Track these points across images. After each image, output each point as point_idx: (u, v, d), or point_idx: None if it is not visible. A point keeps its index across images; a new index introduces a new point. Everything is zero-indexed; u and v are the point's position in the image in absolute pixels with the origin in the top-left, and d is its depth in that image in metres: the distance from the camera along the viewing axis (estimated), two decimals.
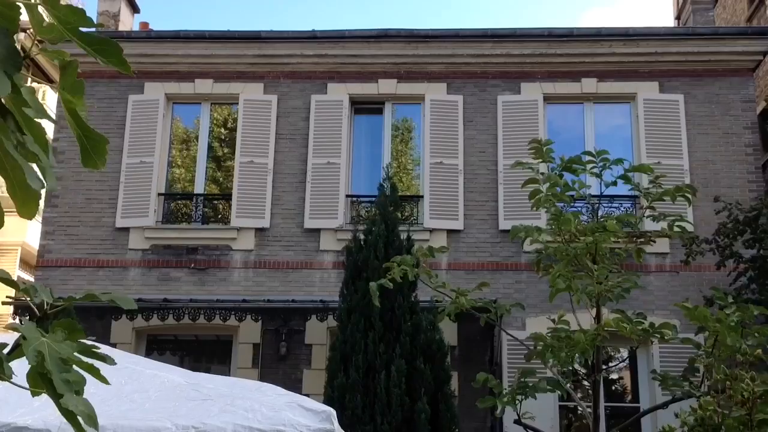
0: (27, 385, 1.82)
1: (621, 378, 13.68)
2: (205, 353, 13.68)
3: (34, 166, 1.71)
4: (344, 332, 9.63)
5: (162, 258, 13.12)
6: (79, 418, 1.87)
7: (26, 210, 1.70)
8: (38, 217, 15.54)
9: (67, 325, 1.91)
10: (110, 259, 13.05)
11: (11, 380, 1.85)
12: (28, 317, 8.69)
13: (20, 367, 1.83)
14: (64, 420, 3.28)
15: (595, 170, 5.22)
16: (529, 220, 6.85)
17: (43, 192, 1.75)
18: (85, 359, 1.86)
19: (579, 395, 12.94)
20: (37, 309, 2.01)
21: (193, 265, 13.08)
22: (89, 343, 1.94)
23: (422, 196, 13.46)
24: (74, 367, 1.84)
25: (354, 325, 9.55)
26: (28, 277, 15.86)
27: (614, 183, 5.23)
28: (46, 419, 3.23)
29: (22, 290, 1.98)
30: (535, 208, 5.20)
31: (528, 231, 4.77)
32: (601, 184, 5.29)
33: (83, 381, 1.86)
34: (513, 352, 11.72)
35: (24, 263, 17.35)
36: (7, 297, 10.88)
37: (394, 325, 9.54)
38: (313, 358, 12.43)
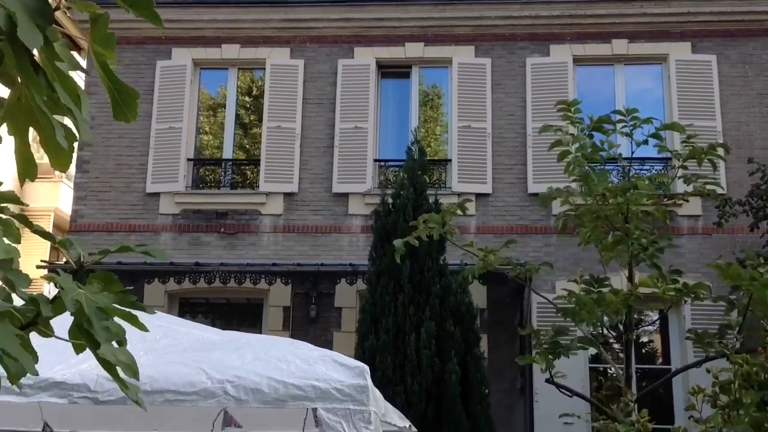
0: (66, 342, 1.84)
1: (651, 341, 13.65)
2: (236, 316, 13.81)
3: (68, 122, 1.72)
4: (374, 295, 9.69)
5: (192, 223, 13.23)
6: (118, 369, 1.89)
7: (59, 162, 1.71)
8: (69, 183, 15.72)
9: (104, 278, 1.93)
10: (141, 224, 13.18)
11: (53, 334, 1.87)
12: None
13: (59, 324, 1.85)
14: (101, 373, 3.34)
15: (626, 129, 5.14)
16: (558, 183, 6.79)
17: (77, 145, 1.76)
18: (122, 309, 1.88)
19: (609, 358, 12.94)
20: (73, 264, 2.03)
21: (222, 229, 13.18)
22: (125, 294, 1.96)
23: (450, 160, 13.41)
24: (114, 319, 1.86)
25: (383, 288, 9.59)
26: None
27: (645, 142, 5.14)
28: (83, 374, 3.29)
29: (58, 243, 2.00)
30: (567, 173, 5.15)
31: (558, 194, 4.72)
32: (631, 144, 5.21)
33: (123, 331, 1.87)
34: (542, 315, 11.69)
35: (57, 228, 17.60)
36: (41, 261, 11.04)
37: (423, 288, 9.57)
38: (343, 320, 12.52)
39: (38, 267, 11.08)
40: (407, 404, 8.34)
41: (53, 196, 17.03)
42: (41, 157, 1.72)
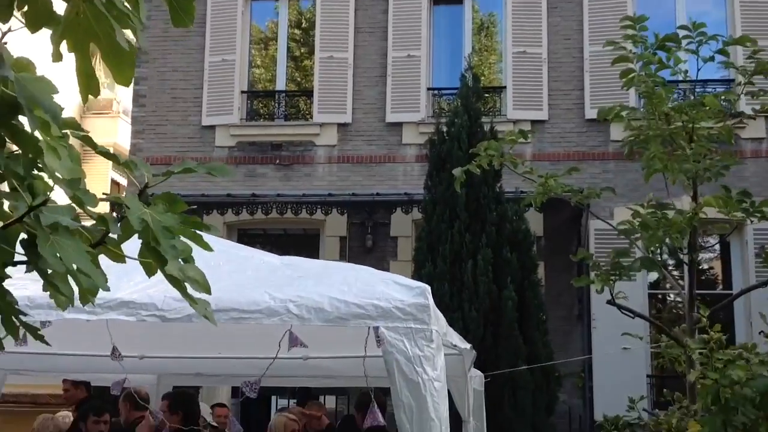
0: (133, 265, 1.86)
1: (711, 267, 13.44)
2: (293, 246, 13.96)
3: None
4: (429, 223, 9.69)
5: (248, 155, 13.33)
6: (187, 285, 1.91)
7: (122, 75, 1.70)
8: (127, 118, 15.91)
9: (168, 198, 1.94)
10: (198, 157, 13.31)
11: (122, 254, 1.89)
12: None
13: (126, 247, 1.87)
14: (168, 294, 3.42)
15: (691, 47, 4.96)
16: None
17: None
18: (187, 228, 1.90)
19: (668, 286, 12.81)
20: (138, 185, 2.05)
21: (278, 161, 13.26)
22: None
23: (505, 87, 13.20)
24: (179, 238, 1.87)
25: (439, 216, 9.58)
26: (121, 178, 16.38)
27: (711, 59, 4.96)
28: (151, 294, 3.37)
29: (122, 164, 2.01)
30: (626, 88, 5.01)
31: (618, 110, 4.60)
32: (697, 61, 5.03)
33: (189, 249, 1.89)
34: (600, 242, 11.56)
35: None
36: (102, 194, 11.24)
37: (479, 216, 9.53)
38: (399, 249, 12.58)
39: (101, 200, 11.28)
40: (465, 330, 8.39)
41: (112, 132, 17.28)
42: (102, 84, 1.72)
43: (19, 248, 1.62)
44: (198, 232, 1.94)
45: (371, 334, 3.49)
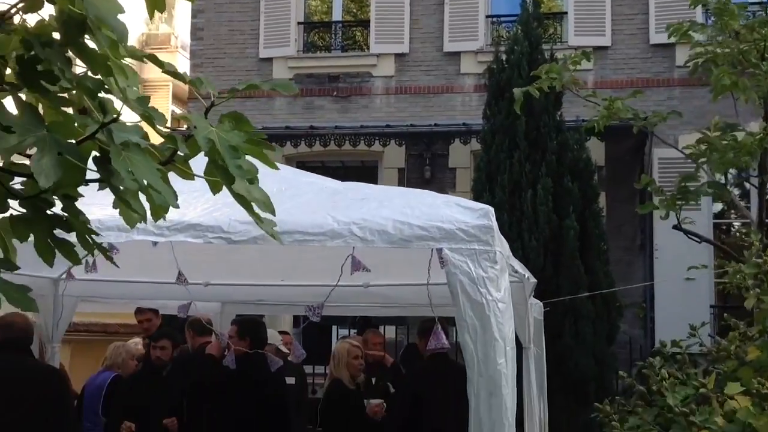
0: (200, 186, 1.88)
1: None
2: (351, 178, 13.89)
3: None
4: (488, 153, 9.59)
5: (305, 86, 13.30)
6: (253, 205, 1.92)
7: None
8: (185, 52, 15.98)
9: (234, 117, 1.94)
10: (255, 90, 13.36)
11: (191, 172, 1.91)
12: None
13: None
14: (233, 217, 3.47)
15: None
16: None
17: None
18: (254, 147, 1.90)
19: (732, 216, 12.53)
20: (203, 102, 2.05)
21: (335, 92, 13.22)
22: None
23: (566, 13, 12.86)
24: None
25: (498, 146, 9.47)
26: (180, 111, 16.56)
27: None
28: (217, 218, 3.42)
29: (189, 81, 2.02)
30: (692, 6, 4.82)
31: (687, 27, 4.44)
32: None
33: (255, 169, 1.90)
34: (664, 172, 11.35)
35: (176, 98, 18.07)
36: (165, 128, 11.36)
37: (539, 145, 9.39)
38: (458, 181, 12.53)
39: (162, 137, 11.41)
40: (524, 260, 8.34)
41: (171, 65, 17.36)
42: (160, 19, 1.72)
43: (91, 165, 1.65)
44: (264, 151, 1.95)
45: (434, 258, 3.49)
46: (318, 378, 10.63)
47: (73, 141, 1.60)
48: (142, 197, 1.72)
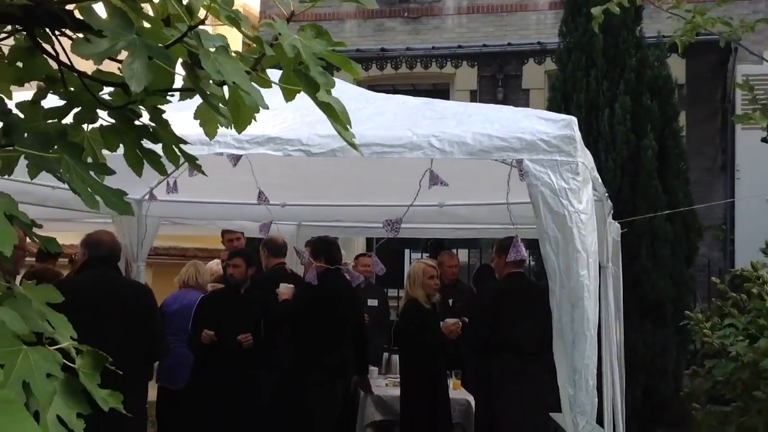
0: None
1: None
2: None
3: None
4: (564, 72, 9.35)
5: (376, 9, 13.11)
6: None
7: None
8: None
9: (314, 27, 1.92)
10: (326, 12, 13.26)
11: (269, 79, 1.90)
12: None
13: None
14: (311, 131, 3.48)
15: None
16: None
17: None
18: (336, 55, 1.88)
19: None
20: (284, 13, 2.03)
21: (406, 14, 13.01)
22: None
23: None
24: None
25: (574, 64, 9.21)
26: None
27: None
28: (296, 131, 3.43)
29: None
30: None
31: None
32: None
33: (333, 83, 1.88)
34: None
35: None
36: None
37: (617, 62, 9.10)
38: (531, 102, 12.30)
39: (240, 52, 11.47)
40: (601, 181, 8.21)
41: None
42: None
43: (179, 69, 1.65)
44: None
45: (513, 173, 3.44)
46: (391, 301, 10.77)
47: (162, 45, 1.60)
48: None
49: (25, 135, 1.56)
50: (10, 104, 1.68)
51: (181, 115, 1.95)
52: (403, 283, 6.37)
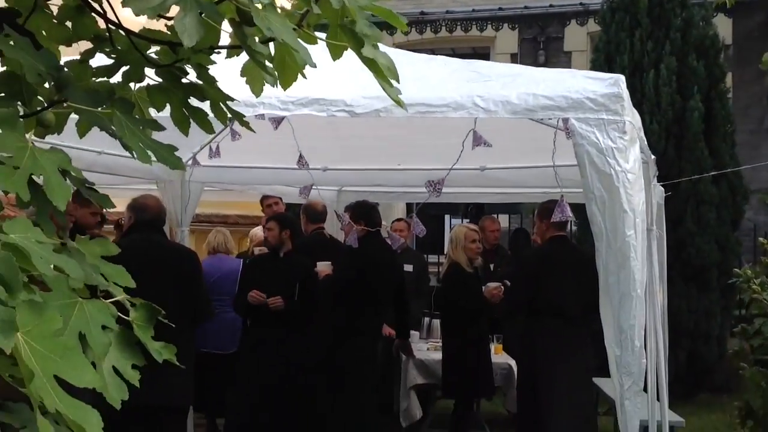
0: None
1: None
2: None
3: None
4: (607, 32, 9.19)
5: None
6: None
7: None
8: None
9: None
10: None
11: (314, 36, 1.89)
12: None
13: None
14: (355, 91, 3.46)
15: None
16: None
17: None
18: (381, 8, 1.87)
19: None
20: None
21: None
22: None
23: None
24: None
25: (618, 24, 9.05)
26: None
27: None
28: (340, 92, 3.42)
29: None
30: None
31: None
32: None
33: (379, 36, 1.86)
34: None
35: None
36: None
37: (662, 21, 8.91)
38: (573, 65, 12.11)
39: None
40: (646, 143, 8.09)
41: None
42: None
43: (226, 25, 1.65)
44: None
45: (559, 134, 3.40)
46: (431, 267, 10.78)
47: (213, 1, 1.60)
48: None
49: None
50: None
51: (222, 77, 1.96)
52: (443, 249, 6.36)
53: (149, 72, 1.84)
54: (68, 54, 1.85)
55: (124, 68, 1.82)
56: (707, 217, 8.69)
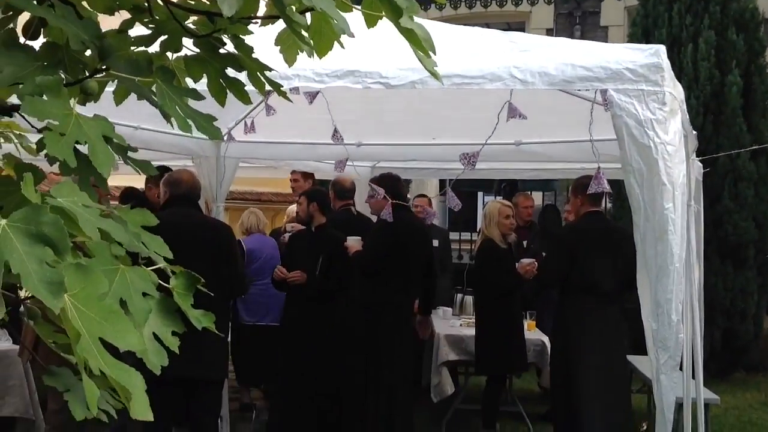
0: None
1: None
2: None
3: None
4: (645, 6, 9.04)
5: None
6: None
7: None
8: None
9: None
10: None
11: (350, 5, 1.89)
12: None
13: None
14: (390, 63, 3.45)
15: None
16: None
17: None
18: None
19: None
20: None
21: None
22: None
23: None
24: None
25: None
26: None
27: None
28: (375, 64, 3.40)
29: None
30: None
31: None
32: None
33: (417, 8, 1.85)
34: None
35: None
36: None
37: None
38: (610, 40, 11.91)
39: None
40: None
41: None
42: None
43: None
44: None
45: (598, 98, 3.35)
46: (464, 244, 10.77)
47: None
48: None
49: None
50: None
51: (256, 49, 1.96)
52: (476, 227, 6.34)
53: (187, 42, 1.85)
54: (105, 25, 1.86)
55: (162, 38, 1.83)
56: (745, 193, 8.57)
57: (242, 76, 1.91)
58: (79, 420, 1.41)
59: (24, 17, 1.58)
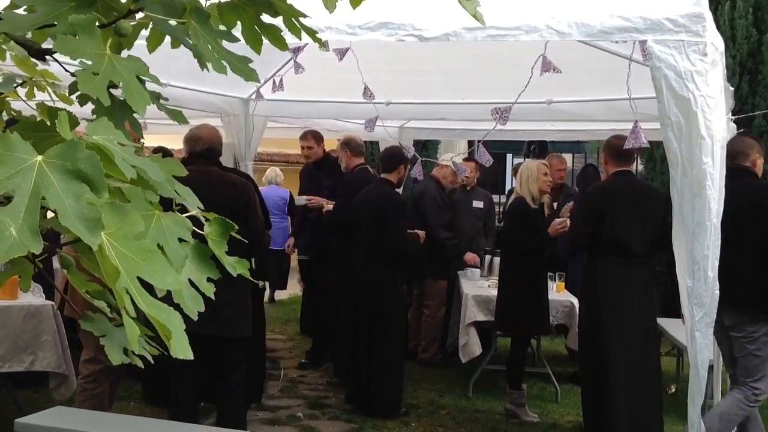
0: None
1: None
2: None
3: None
4: None
5: None
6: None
7: None
8: None
9: None
10: None
11: None
12: None
13: None
14: (424, 16, 3.39)
15: None
16: None
17: None
18: None
19: None
20: None
21: None
22: None
23: None
24: None
25: None
26: None
27: None
28: (409, 16, 3.32)
29: None
30: None
31: None
32: None
33: None
34: None
35: None
36: None
37: None
38: None
39: None
40: None
41: None
42: None
43: None
44: None
45: (637, 50, 3.26)
46: None
47: None
48: None
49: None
50: None
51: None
52: (504, 189, 6.28)
53: None
54: None
55: None
56: None
57: (277, 22, 1.88)
58: (115, 364, 1.41)
59: None
